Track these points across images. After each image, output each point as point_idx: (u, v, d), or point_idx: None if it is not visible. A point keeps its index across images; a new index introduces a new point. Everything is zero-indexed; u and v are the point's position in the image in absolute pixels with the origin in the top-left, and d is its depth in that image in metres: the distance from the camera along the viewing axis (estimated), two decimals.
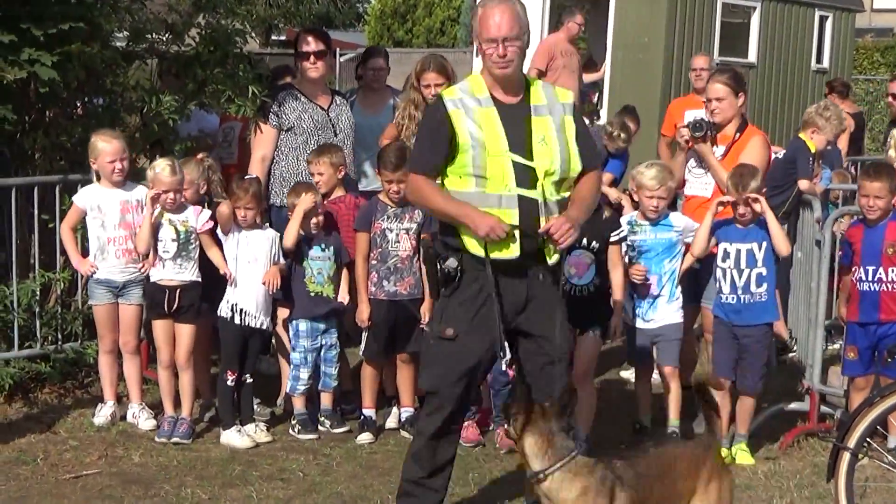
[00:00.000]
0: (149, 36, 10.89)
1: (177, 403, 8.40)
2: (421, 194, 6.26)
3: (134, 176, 9.36)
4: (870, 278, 7.57)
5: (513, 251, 5.94)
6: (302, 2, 32.97)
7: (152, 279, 8.20)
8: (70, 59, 8.98)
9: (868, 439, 6.04)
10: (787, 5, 20.44)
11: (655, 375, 8.37)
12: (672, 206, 8.69)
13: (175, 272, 8.19)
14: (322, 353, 8.34)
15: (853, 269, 7.71)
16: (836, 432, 6.52)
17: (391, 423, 8.47)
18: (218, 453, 7.99)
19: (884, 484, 6.58)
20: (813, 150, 9.80)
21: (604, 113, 16.28)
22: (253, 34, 11.75)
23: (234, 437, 8.10)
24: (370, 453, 7.94)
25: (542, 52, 14.87)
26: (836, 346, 8.79)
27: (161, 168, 8.23)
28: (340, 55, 25.90)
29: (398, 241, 8.08)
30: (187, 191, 8.32)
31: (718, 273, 7.56)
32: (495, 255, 5.91)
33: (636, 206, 8.40)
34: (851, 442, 6.01)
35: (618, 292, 7.57)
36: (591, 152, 6.28)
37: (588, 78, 16.35)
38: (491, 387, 8.05)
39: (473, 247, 5.95)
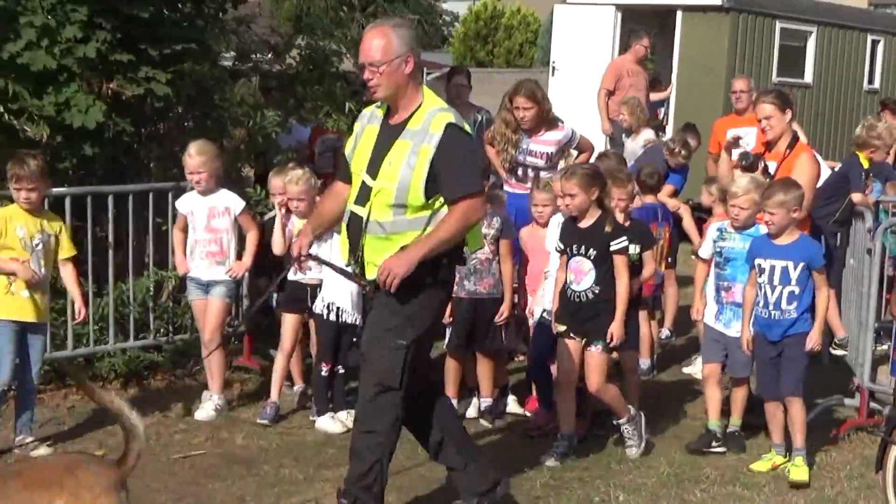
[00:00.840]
0: (253, 56, 11.19)
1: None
2: None
3: (238, 183, 9.64)
4: None
5: (344, 258, 6.24)
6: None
7: (291, 278, 8.26)
8: (182, 77, 9.22)
9: None
10: (840, 30, 20.50)
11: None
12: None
13: (316, 271, 8.31)
14: None
15: None
16: (885, 427, 6.45)
17: (471, 412, 8.52)
18: (313, 437, 8.14)
19: None
20: (866, 166, 9.82)
21: (669, 129, 16.28)
22: (348, 55, 11.86)
23: (328, 423, 8.26)
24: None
25: (611, 73, 14.97)
26: (885, 346, 8.79)
27: (293, 178, 8.43)
28: (427, 74, 26.11)
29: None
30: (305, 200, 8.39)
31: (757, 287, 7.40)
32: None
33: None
34: None
35: (620, 301, 7.36)
36: (456, 183, 5.82)
37: (655, 97, 16.31)
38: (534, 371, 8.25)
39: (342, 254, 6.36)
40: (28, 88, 8.66)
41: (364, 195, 5.89)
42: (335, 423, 8.31)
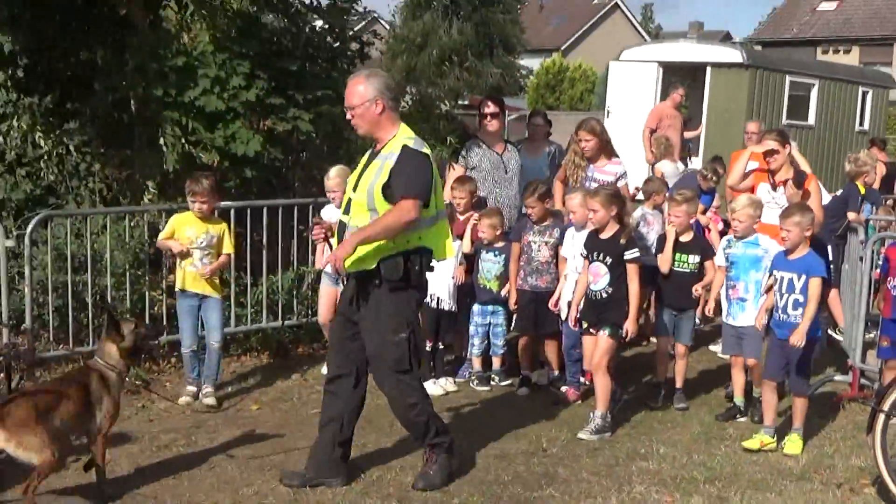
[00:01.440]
0: None
1: None
2: None
3: None
4: None
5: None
6: (480, 76, 33.05)
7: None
8: (321, 117, 9.28)
9: None
10: (837, 83, 20.45)
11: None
12: None
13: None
14: (491, 328, 8.40)
15: (888, 279, 7.56)
16: (874, 398, 6.32)
17: (543, 381, 8.45)
18: None
19: None
20: (862, 192, 9.71)
21: (698, 161, 16.11)
22: (446, 100, 11.95)
23: (431, 387, 8.03)
24: (526, 402, 7.98)
25: (653, 116, 14.83)
26: (872, 334, 8.62)
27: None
28: (508, 115, 26.15)
29: (539, 250, 8.09)
30: None
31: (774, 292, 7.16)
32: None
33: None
34: (886, 406, 5.98)
35: (633, 302, 7.20)
36: (399, 186, 5.68)
37: (688, 135, 15.96)
38: (567, 357, 8.06)
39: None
40: (203, 125, 8.81)
41: (348, 206, 5.93)
42: (436, 387, 8.20)
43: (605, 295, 7.20)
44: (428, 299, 8.17)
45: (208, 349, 7.96)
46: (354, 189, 5.92)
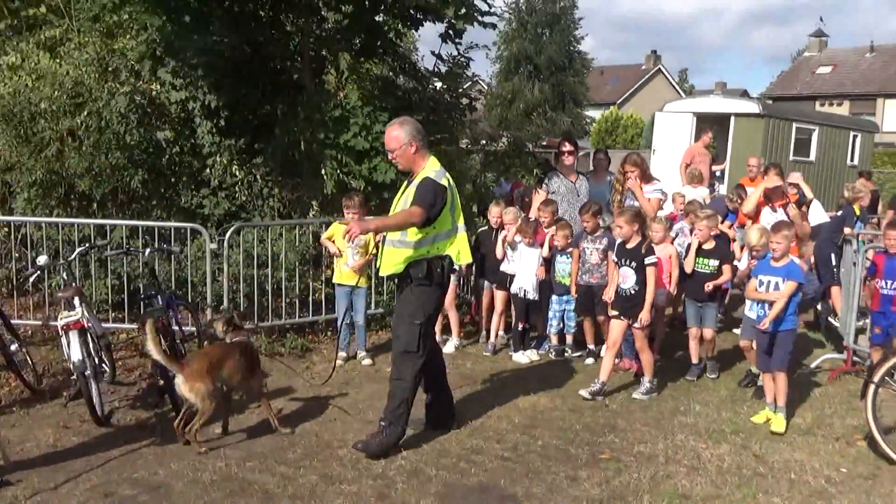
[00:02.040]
0: (480, 141, 11.26)
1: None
2: None
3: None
4: (888, 287, 7.20)
5: (379, 264, 6.07)
6: (555, 123, 33.11)
7: (502, 269, 8.40)
8: (439, 153, 9.28)
9: (886, 377, 5.91)
10: (833, 129, 20.10)
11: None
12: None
13: (512, 266, 8.36)
14: (564, 313, 8.31)
15: (876, 280, 7.38)
16: (866, 372, 6.21)
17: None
18: (513, 365, 8.11)
19: (893, 403, 6.31)
20: (857, 214, 9.48)
21: (724, 188, 15.89)
22: (531, 142, 12.14)
23: (521, 357, 8.19)
24: (592, 369, 7.85)
25: (688, 153, 14.60)
26: (861, 322, 8.40)
27: (507, 210, 8.48)
28: (578, 152, 26.23)
29: (591, 255, 8.01)
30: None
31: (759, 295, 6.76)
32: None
33: None
34: (875, 378, 5.91)
35: (648, 297, 7.02)
36: (415, 200, 5.58)
37: (715, 168, 15.74)
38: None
39: None
40: (353, 159, 8.88)
41: None
42: (525, 357, 8.24)
43: (632, 292, 7.10)
44: (517, 291, 8.26)
45: (357, 326, 8.08)
46: (397, 205, 5.86)
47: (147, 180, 9.05)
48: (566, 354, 8.40)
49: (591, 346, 8.36)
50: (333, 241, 7.95)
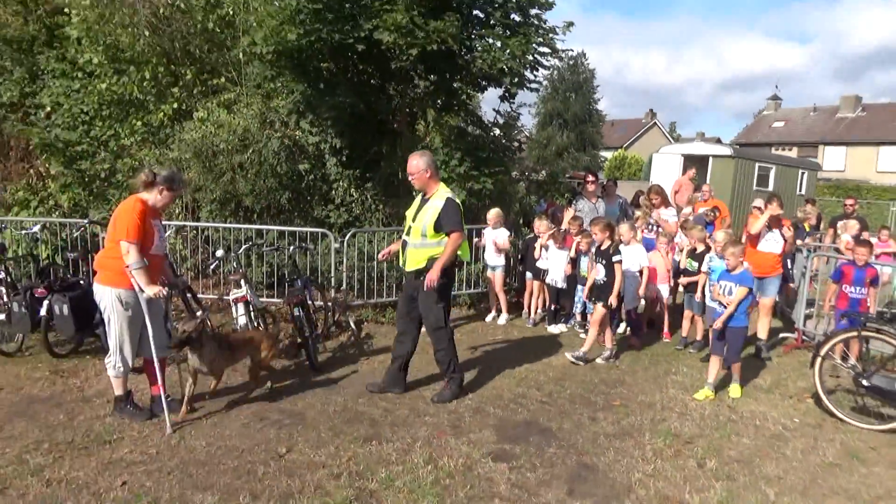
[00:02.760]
0: (524, 172, 11.08)
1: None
2: None
3: (514, 226, 9.53)
4: (856, 291, 6.60)
5: (401, 262, 5.60)
6: (578, 160, 32.58)
7: (539, 265, 8.25)
8: (496, 182, 9.08)
9: (829, 352, 5.65)
10: (787, 167, 19.36)
11: None
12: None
13: (545, 262, 8.22)
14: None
15: (843, 285, 6.70)
16: (815, 347, 5.85)
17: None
18: (548, 335, 7.91)
19: (834, 374, 5.99)
20: (807, 230, 9.10)
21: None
22: (562, 174, 11.92)
23: (554, 328, 8.03)
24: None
25: (676, 184, 13.70)
26: (808, 311, 7.98)
27: (544, 223, 8.28)
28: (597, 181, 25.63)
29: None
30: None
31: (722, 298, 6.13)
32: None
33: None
34: (822, 352, 5.66)
35: (616, 286, 6.65)
36: (449, 224, 5.27)
37: (697, 195, 15.32)
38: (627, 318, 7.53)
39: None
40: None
41: (408, 231, 5.46)
42: (556, 328, 8.09)
43: (603, 282, 6.80)
44: (551, 281, 8.12)
45: None
46: (413, 220, 5.46)
47: (291, 198, 9.12)
48: (585, 328, 8.16)
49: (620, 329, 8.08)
50: None
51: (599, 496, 4.15)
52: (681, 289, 7.93)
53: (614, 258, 6.75)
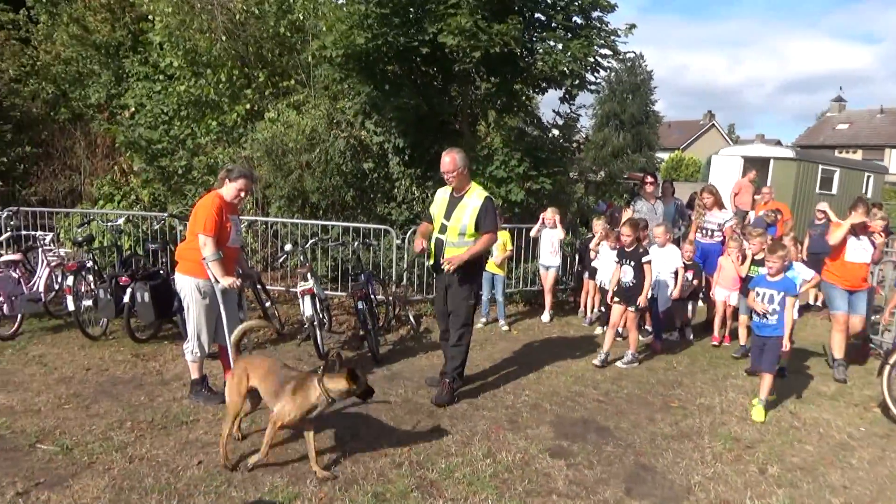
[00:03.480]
0: (583, 173, 10.90)
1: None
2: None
3: (572, 225, 9.41)
4: None
5: (430, 260, 5.40)
6: (634, 162, 31.95)
7: (594, 265, 8.08)
8: (554, 182, 8.98)
9: None
10: (851, 171, 18.39)
11: None
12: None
13: (595, 262, 8.07)
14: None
15: None
16: (883, 355, 5.61)
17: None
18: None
19: None
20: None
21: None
22: (624, 174, 11.73)
23: (601, 329, 7.89)
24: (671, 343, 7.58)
25: (736, 186, 13.54)
26: (873, 318, 7.55)
27: (601, 224, 8.12)
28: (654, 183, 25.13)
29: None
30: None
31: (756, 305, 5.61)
32: (430, 263, 5.42)
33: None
34: (891, 360, 5.41)
35: (646, 287, 6.29)
36: (484, 225, 5.14)
37: (757, 197, 14.82)
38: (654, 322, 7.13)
39: (430, 259, 5.42)
40: (494, 185, 8.66)
41: (443, 229, 5.25)
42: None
43: (631, 284, 6.41)
44: (599, 282, 7.95)
45: (497, 301, 7.88)
46: (447, 218, 5.25)
47: (355, 196, 9.24)
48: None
49: (647, 327, 7.79)
50: None
51: (658, 497, 4.06)
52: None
53: (644, 259, 6.41)
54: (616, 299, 6.55)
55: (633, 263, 6.45)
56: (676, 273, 7.21)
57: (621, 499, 4.00)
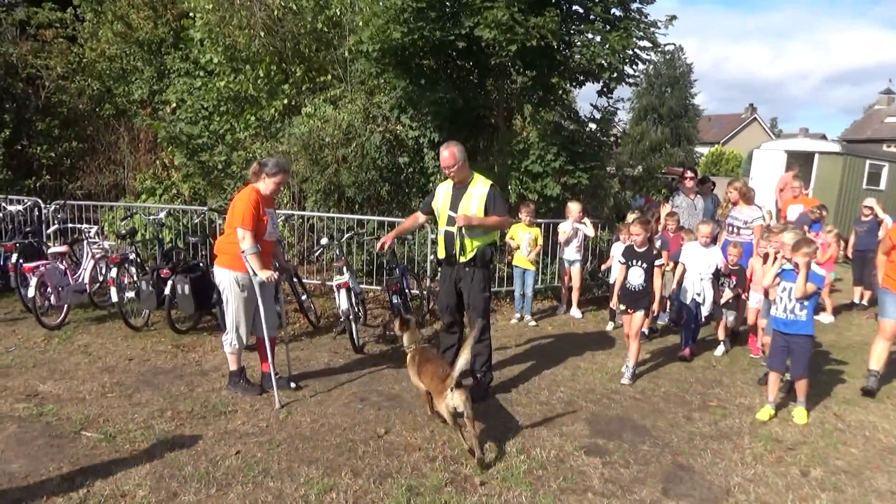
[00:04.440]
0: (620, 168, 10.75)
1: None
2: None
3: (609, 220, 9.30)
4: None
5: (441, 254, 5.25)
6: (672, 156, 31.46)
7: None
8: (591, 177, 8.88)
9: None
10: None
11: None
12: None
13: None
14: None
15: None
16: None
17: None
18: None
19: None
20: None
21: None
22: (661, 169, 11.50)
23: (645, 330, 7.78)
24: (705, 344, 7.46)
25: (780, 182, 13.32)
26: None
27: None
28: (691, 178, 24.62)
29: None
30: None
31: (777, 300, 5.26)
32: (441, 257, 5.26)
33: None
34: None
35: (657, 291, 5.80)
36: (500, 209, 5.06)
37: (802, 191, 14.46)
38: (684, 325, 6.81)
39: (440, 253, 5.28)
40: (530, 179, 8.65)
41: (451, 221, 5.11)
42: (645, 329, 7.65)
43: (640, 287, 5.87)
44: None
45: (526, 296, 7.87)
46: (455, 210, 5.13)
47: (390, 190, 9.26)
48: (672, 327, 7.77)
49: (644, 330, 7.22)
50: (513, 238, 7.84)
51: (696, 498, 3.98)
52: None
53: (657, 262, 5.90)
54: (622, 306, 5.99)
55: (644, 265, 5.91)
56: (717, 275, 6.80)
57: (658, 499, 3.94)
